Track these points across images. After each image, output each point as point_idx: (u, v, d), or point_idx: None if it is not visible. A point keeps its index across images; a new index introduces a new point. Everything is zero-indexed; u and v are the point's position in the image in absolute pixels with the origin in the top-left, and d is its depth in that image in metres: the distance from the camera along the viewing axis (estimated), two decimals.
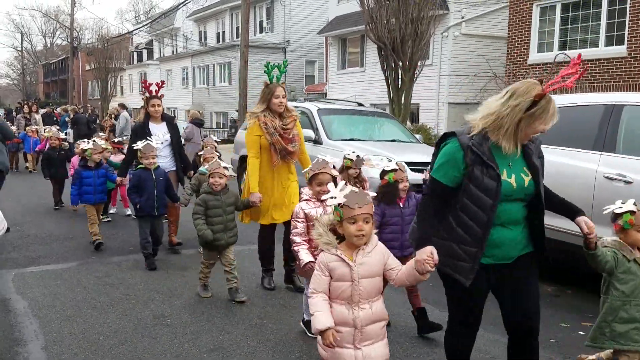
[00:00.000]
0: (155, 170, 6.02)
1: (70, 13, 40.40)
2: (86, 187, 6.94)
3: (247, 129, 5.20)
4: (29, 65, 74.92)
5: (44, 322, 4.45)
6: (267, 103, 5.13)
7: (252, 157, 5.13)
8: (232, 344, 4.07)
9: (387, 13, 13.82)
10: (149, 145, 6.00)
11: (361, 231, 2.63)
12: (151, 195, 5.96)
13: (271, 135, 5.02)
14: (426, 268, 2.59)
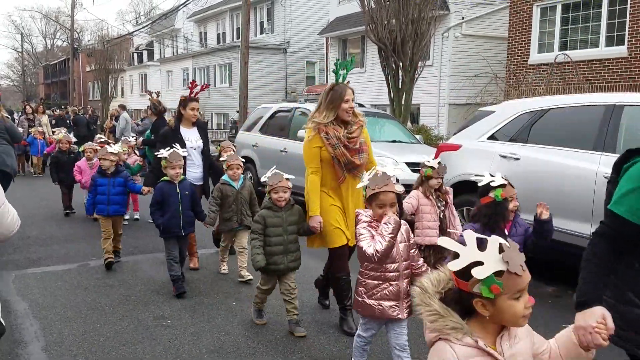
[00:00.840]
0: (180, 184, 5.27)
1: (70, 14, 40.42)
2: (100, 197, 6.14)
3: (304, 139, 4.36)
4: (30, 67, 74.95)
5: (45, 324, 4.45)
6: (336, 110, 4.23)
7: (311, 174, 4.28)
8: (232, 345, 4.07)
9: (387, 14, 13.81)
10: (175, 153, 5.24)
11: (529, 309, 1.64)
12: (176, 213, 5.22)
13: (334, 148, 4.18)
14: (596, 340, 1.83)
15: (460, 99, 17.68)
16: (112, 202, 6.12)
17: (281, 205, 4.23)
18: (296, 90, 28.28)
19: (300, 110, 9.78)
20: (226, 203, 5.60)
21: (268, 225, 4.22)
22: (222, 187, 5.61)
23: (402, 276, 3.24)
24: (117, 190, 6.18)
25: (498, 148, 5.94)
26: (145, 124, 14.93)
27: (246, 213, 5.66)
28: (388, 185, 3.15)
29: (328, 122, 4.22)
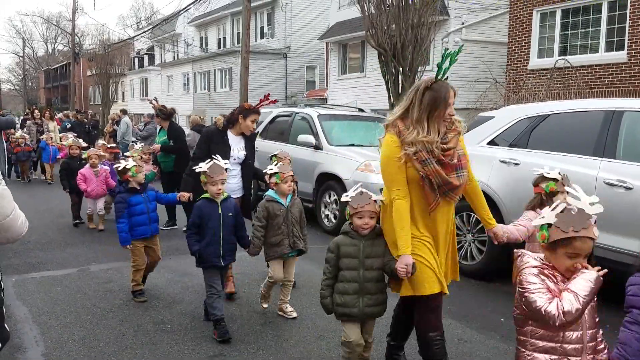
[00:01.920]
0: (223, 203, 4.38)
1: (71, 19, 40.49)
2: (139, 217, 5.17)
3: (383, 151, 3.30)
4: (31, 71, 75.12)
5: (44, 329, 4.44)
6: (433, 116, 3.17)
7: (398, 198, 3.18)
8: (232, 351, 4.07)
9: (387, 19, 13.84)
10: (217, 165, 4.33)
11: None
12: (216, 238, 4.32)
13: (424, 164, 3.12)
14: None
15: (460, 104, 17.66)
16: (152, 220, 5.29)
17: (364, 233, 3.35)
18: (296, 94, 28.35)
19: (300, 115, 9.79)
20: (274, 224, 4.65)
21: (342, 255, 3.37)
22: (269, 205, 4.65)
23: (587, 350, 2.37)
24: (153, 205, 5.35)
25: (498, 153, 5.95)
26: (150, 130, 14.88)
27: (299, 235, 4.76)
28: (587, 230, 2.30)
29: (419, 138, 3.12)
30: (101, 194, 8.46)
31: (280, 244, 4.68)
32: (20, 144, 13.79)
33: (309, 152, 8.89)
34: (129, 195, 5.18)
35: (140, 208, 5.20)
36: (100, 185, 8.40)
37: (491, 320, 4.82)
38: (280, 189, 4.68)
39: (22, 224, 2.27)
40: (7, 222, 2.17)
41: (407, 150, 3.12)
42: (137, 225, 5.16)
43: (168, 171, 8.43)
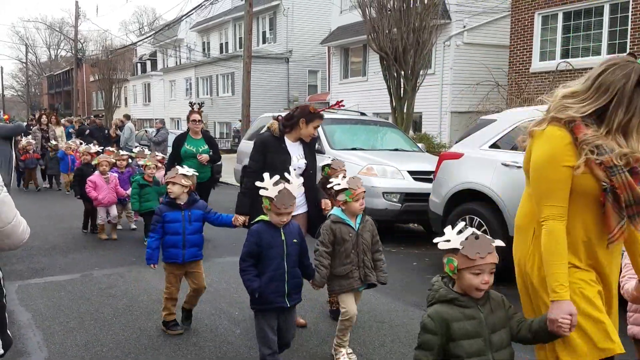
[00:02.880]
0: (286, 228, 3.52)
1: (74, 25, 40.67)
2: (172, 237, 4.38)
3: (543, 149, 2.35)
4: (34, 77, 75.38)
5: (48, 334, 4.45)
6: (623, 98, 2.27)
7: (552, 218, 2.31)
8: (235, 355, 4.07)
9: (389, 23, 13.87)
10: (288, 195, 3.38)
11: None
12: (280, 272, 3.48)
13: (612, 172, 2.23)
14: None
15: (462, 107, 17.70)
16: (189, 244, 4.43)
17: (480, 295, 2.31)
18: (298, 99, 28.40)
19: None
20: (341, 251, 3.82)
21: (455, 336, 2.23)
22: (336, 227, 3.82)
23: None
24: (194, 227, 4.47)
25: (500, 156, 5.94)
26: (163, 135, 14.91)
27: (370, 265, 3.89)
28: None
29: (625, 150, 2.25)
30: (112, 201, 8.18)
31: (349, 275, 3.82)
32: (29, 151, 13.38)
33: None
34: (166, 209, 4.45)
35: (174, 227, 4.40)
36: (111, 192, 8.14)
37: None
38: (350, 208, 3.82)
39: (23, 230, 2.28)
40: (8, 229, 2.18)
41: (592, 155, 2.23)
42: (168, 246, 4.42)
43: (203, 182, 7.50)
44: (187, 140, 7.59)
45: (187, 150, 7.50)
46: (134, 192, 7.53)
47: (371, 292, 5.33)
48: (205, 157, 7.54)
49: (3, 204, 2.15)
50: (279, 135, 4.53)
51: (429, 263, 6.85)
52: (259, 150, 4.52)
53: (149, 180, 7.53)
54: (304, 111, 4.52)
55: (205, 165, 7.52)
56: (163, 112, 38.88)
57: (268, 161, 4.40)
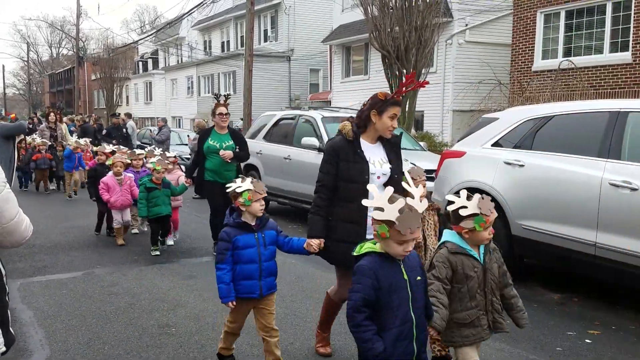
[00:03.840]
0: (405, 262, 2.62)
1: (76, 23, 40.68)
2: (247, 267, 3.53)
3: None
4: (35, 75, 75.46)
5: (50, 332, 4.45)
6: None
7: None
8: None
9: (391, 21, 13.86)
10: (413, 213, 2.49)
11: None
12: (407, 328, 2.57)
13: None
14: None
15: (464, 106, 17.67)
16: (266, 273, 3.60)
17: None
18: (300, 97, 28.38)
19: (304, 117, 9.80)
20: (463, 292, 2.93)
21: None
22: (456, 259, 2.93)
23: None
24: (270, 252, 3.64)
25: (502, 155, 5.93)
26: (165, 133, 14.84)
27: (500, 307, 3.07)
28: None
29: None
30: (126, 204, 7.64)
31: (475, 323, 2.96)
32: (41, 151, 12.81)
33: (313, 154, 8.89)
34: (237, 233, 3.54)
35: (249, 254, 3.54)
36: (125, 194, 7.59)
37: None
38: (477, 237, 2.91)
39: (26, 227, 2.28)
40: (11, 226, 2.19)
41: None
42: (242, 277, 3.53)
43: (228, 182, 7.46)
44: (212, 135, 6.97)
45: (210, 146, 6.86)
46: (141, 197, 6.96)
47: None
48: (229, 153, 6.79)
49: (6, 201, 2.15)
50: (353, 139, 3.66)
51: None
52: (330, 160, 3.68)
53: (157, 183, 6.95)
54: (372, 101, 3.68)
55: (229, 162, 6.83)
56: (165, 111, 38.91)
57: (342, 172, 3.62)
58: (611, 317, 4.99)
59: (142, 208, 6.93)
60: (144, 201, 6.91)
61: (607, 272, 5.01)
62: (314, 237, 3.61)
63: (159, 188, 6.95)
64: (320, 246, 3.58)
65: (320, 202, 3.64)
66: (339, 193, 3.64)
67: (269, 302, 3.64)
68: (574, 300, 5.49)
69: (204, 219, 9.01)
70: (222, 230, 3.60)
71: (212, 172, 6.86)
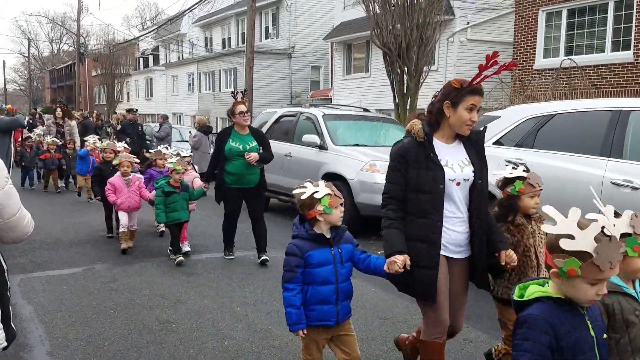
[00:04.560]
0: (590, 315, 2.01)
1: (76, 19, 40.63)
2: (319, 289, 2.98)
3: None
4: (36, 71, 75.40)
5: (50, 328, 4.45)
6: None
7: None
8: (237, 350, 4.07)
9: (392, 19, 13.83)
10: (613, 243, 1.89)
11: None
12: None
13: None
14: None
15: None
16: (343, 295, 3.02)
17: None
18: (301, 94, 28.36)
19: (305, 114, 9.79)
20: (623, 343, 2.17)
21: None
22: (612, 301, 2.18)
23: None
24: (347, 270, 3.06)
25: (504, 153, 5.93)
26: (166, 130, 14.69)
27: None
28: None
29: None
30: (134, 206, 7.13)
31: None
32: (50, 150, 12.22)
33: (314, 152, 8.88)
34: (310, 247, 2.97)
35: (324, 273, 2.96)
36: (133, 196, 7.11)
37: (496, 320, 4.79)
38: (631, 268, 2.19)
39: (27, 223, 2.28)
40: (13, 221, 2.19)
41: None
42: (315, 300, 2.96)
43: (251, 187, 6.50)
44: (232, 136, 6.41)
45: (232, 148, 6.31)
46: (158, 201, 6.47)
47: (373, 288, 5.33)
48: (255, 155, 6.27)
49: (8, 196, 2.15)
50: (424, 140, 3.03)
51: None
52: (396, 167, 3.08)
53: (175, 185, 6.49)
54: (444, 91, 3.12)
55: (254, 165, 6.33)
56: (165, 107, 38.90)
57: (411, 181, 3.03)
58: None
59: (160, 214, 6.46)
60: (162, 206, 6.43)
61: None
62: (395, 254, 2.92)
63: (177, 192, 6.48)
64: (405, 263, 2.90)
65: (393, 214, 3.05)
66: (408, 206, 3.05)
67: (347, 326, 3.11)
68: None
69: (204, 216, 9.03)
70: (291, 242, 3.00)
71: (235, 176, 6.34)
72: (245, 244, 7.28)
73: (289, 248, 3.00)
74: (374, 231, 8.32)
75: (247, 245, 7.24)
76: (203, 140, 11.88)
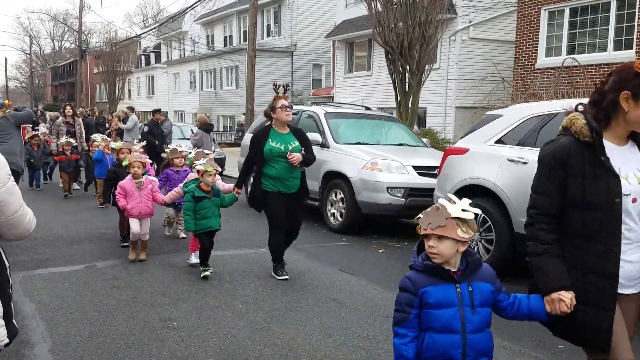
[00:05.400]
0: None
1: (78, 16, 40.63)
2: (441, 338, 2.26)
3: None
4: (38, 69, 75.48)
5: (51, 325, 4.45)
6: None
7: None
8: (238, 348, 4.06)
9: (394, 17, 13.81)
10: None
11: None
12: None
13: None
14: None
15: (467, 103, 17.65)
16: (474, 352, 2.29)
17: None
18: (303, 93, 28.35)
19: (306, 113, 9.78)
20: None
21: None
22: None
23: None
24: (481, 317, 2.33)
25: (506, 152, 5.92)
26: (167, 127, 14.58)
27: None
28: None
29: None
30: (145, 212, 6.43)
31: None
32: (65, 152, 11.10)
33: (316, 150, 8.79)
34: (427, 281, 2.31)
35: (446, 317, 2.27)
36: (145, 201, 6.42)
37: (498, 319, 4.78)
38: None
39: (29, 221, 2.28)
40: (14, 218, 2.19)
41: None
42: (433, 353, 2.26)
43: (292, 192, 5.75)
44: (272, 135, 5.70)
45: (273, 149, 5.60)
46: (187, 207, 5.74)
47: (374, 286, 5.33)
48: (298, 156, 5.59)
49: (10, 193, 2.15)
50: (591, 141, 2.35)
51: None
52: (552, 174, 2.44)
53: (206, 190, 5.73)
54: (618, 76, 2.43)
55: (296, 168, 5.68)
56: (167, 105, 38.92)
57: (573, 193, 2.38)
58: None
59: (190, 221, 5.71)
60: (191, 212, 5.70)
61: None
62: (560, 289, 2.33)
63: (208, 197, 5.72)
64: (572, 302, 2.32)
65: (546, 235, 2.39)
66: (570, 226, 2.40)
67: None
68: None
69: None
70: (406, 276, 2.35)
71: (276, 180, 5.64)
72: (246, 242, 7.28)
73: (401, 283, 2.37)
74: (374, 230, 8.33)
75: (249, 243, 7.24)
76: (204, 139, 11.82)
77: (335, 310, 4.88)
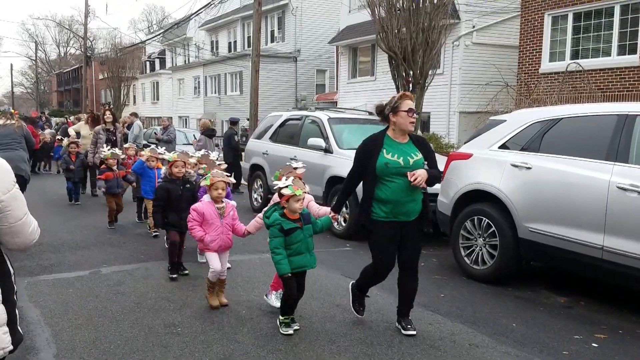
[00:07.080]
0: None
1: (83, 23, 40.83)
2: None
3: None
4: (43, 74, 75.80)
5: (56, 331, 4.47)
6: None
7: None
8: (242, 354, 4.07)
9: (398, 22, 13.82)
10: None
11: None
12: None
13: None
14: None
15: (470, 108, 17.64)
16: None
17: None
18: (306, 98, 28.37)
19: (310, 118, 9.80)
20: None
21: None
22: None
23: None
24: None
25: (509, 157, 5.92)
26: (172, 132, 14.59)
27: None
28: None
29: None
30: (225, 245, 5.12)
31: None
32: (112, 168, 8.82)
33: (319, 155, 8.89)
34: None
35: None
36: (226, 231, 5.08)
37: (502, 325, 4.78)
38: None
39: (33, 231, 2.28)
40: (18, 226, 2.19)
41: None
42: None
43: (410, 220, 4.40)
44: (387, 144, 4.40)
45: (390, 163, 4.27)
46: (277, 244, 4.27)
47: (378, 292, 5.32)
48: (423, 173, 4.18)
49: (14, 199, 2.16)
50: None
51: (436, 264, 6.82)
52: None
53: (294, 218, 4.32)
54: None
55: (419, 189, 4.29)
56: (171, 111, 39.03)
57: None
58: (618, 321, 4.97)
59: (283, 260, 4.26)
60: (283, 250, 4.28)
61: (614, 275, 4.99)
62: None
63: (300, 226, 4.32)
64: None
65: None
66: None
67: None
68: (580, 303, 5.47)
69: None
70: None
71: (390, 204, 4.30)
72: (249, 247, 7.29)
73: None
74: None
75: (252, 249, 7.25)
76: (207, 144, 11.83)
77: (339, 316, 4.88)
